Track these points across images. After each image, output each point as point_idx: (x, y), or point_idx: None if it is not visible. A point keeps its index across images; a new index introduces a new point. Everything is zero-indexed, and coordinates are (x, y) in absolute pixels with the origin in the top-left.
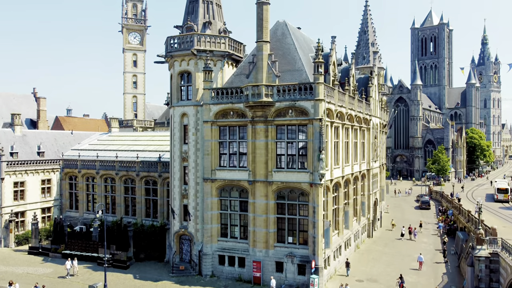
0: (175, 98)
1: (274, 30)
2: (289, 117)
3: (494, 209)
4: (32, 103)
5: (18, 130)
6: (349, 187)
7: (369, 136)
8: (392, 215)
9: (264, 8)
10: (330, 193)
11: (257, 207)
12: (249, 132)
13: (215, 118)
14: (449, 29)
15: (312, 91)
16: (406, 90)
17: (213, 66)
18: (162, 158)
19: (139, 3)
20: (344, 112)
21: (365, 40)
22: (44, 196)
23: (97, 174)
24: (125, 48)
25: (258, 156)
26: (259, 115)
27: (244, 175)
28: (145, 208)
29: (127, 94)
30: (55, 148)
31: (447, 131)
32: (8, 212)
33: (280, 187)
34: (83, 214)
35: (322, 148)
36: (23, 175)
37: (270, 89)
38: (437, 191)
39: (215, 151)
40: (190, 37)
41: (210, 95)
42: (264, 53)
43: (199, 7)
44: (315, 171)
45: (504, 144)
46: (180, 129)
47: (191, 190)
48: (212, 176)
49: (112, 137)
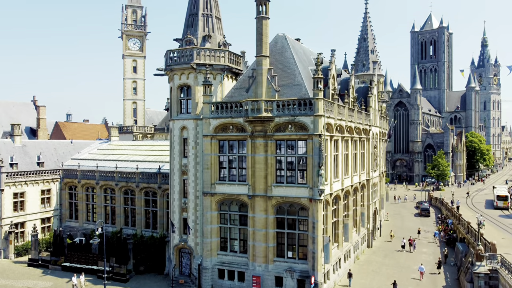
0: (174, 111)
1: (274, 44)
2: (288, 132)
3: (494, 217)
4: (32, 111)
5: (18, 141)
6: (349, 199)
7: (369, 146)
8: (391, 223)
9: (264, 23)
10: (329, 207)
11: (257, 221)
12: (248, 146)
13: (215, 132)
14: (449, 33)
15: (312, 107)
16: (406, 95)
17: (213, 80)
18: (162, 170)
19: (139, 9)
20: (343, 125)
21: (364, 47)
22: (43, 206)
23: (97, 184)
24: (125, 54)
25: (258, 170)
26: (258, 129)
27: (244, 189)
28: (144, 219)
29: (127, 100)
30: (54, 157)
31: (447, 135)
32: (7, 224)
33: (280, 201)
34: (82, 224)
35: (322, 163)
36: (22, 186)
37: (270, 104)
38: (436, 198)
39: (215, 165)
40: (189, 51)
41: (209, 109)
42: (264, 67)
43: (198, 20)
44: (315, 187)
45: (504, 146)
46: (179, 142)
47: (190, 204)
48: (211, 190)
49: (111, 145)
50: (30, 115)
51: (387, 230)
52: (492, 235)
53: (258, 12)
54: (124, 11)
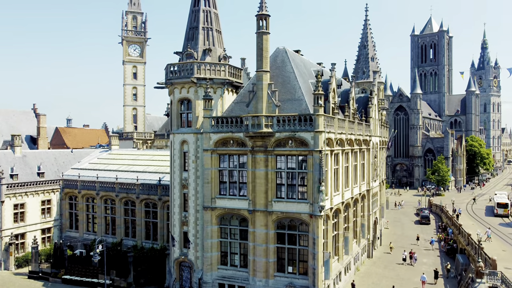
0: (175, 125)
1: (274, 57)
2: (289, 147)
3: (494, 226)
4: (32, 119)
5: (18, 151)
6: (349, 211)
7: (369, 156)
8: (392, 231)
9: (264, 38)
10: (330, 221)
11: (257, 236)
12: (249, 161)
13: (215, 147)
14: (449, 36)
15: (312, 123)
16: (406, 99)
17: (213, 94)
18: (162, 181)
19: (139, 15)
20: (344, 138)
21: (365, 54)
22: (44, 216)
23: (97, 195)
24: (125, 61)
25: (258, 185)
26: (259, 144)
27: (244, 204)
28: (145, 230)
29: (127, 107)
30: (55, 167)
31: (447, 140)
32: (8, 235)
33: (280, 217)
34: (83, 235)
35: (322, 179)
36: (23, 197)
37: (270, 120)
38: (437, 205)
39: (215, 179)
40: (190, 65)
41: (210, 124)
42: (264, 82)
43: (199, 34)
44: (315, 202)
45: (504, 148)
46: (180, 156)
47: (191, 218)
48: (212, 204)
49: (112, 154)
50: (30, 123)
51: (387, 239)
52: (492, 246)
53: (258, 27)
54: (124, 17)
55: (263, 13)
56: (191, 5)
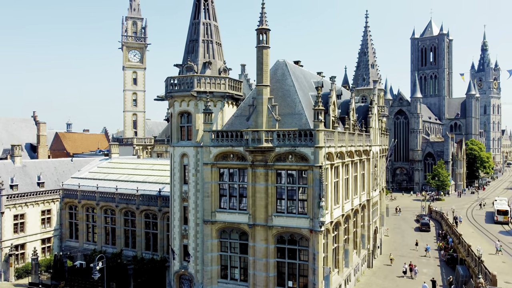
0: (175, 138)
1: (274, 70)
2: (289, 162)
3: (494, 234)
4: (32, 126)
5: (18, 161)
6: (349, 222)
7: (369, 166)
8: (392, 239)
9: (264, 52)
10: (330, 234)
11: (257, 250)
12: (249, 175)
13: (215, 160)
14: (449, 39)
15: (312, 138)
16: (406, 103)
17: (213, 107)
18: (162, 192)
19: (139, 21)
20: (344, 151)
21: (365, 61)
22: (44, 226)
23: (97, 205)
24: (125, 66)
25: (258, 199)
26: (259, 159)
27: (244, 218)
28: (145, 241)
29: (127, 112)
30: (55, 177)
31: (447, 144)
32: (8, 246)
33: (280, 231)
34: (83, 244)
35: (322, 195)
36: (23, 207)
37: (270, 134)
38: (437, 211)
39: (215, 193)
40: (190, 78)
41: (210, 137)
42: (264, 97)
43: (199, 46)
44: (315, 218)
45: (504, 150)
46: (180, 169)
47: (191, 231)
48: (212, 218)
49: (112, 163)
50: (30, 131)
51: (387, 247)
52: (492, 258)
53: (258, 41)
54: (124, 23)
55: (263, 27)
56: (191, 18)
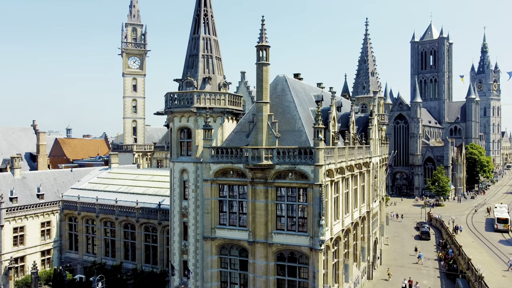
0: (174, 153)
1: (274, 86)
2: (289, 179)
3: (494, 244)
4: (32, 135)
5: (17, 173)
6: (349, 236)
7: (369, 178)
8: (391, 247)
9: (264, 69)
10: (330, 251)
11: (257, 267)
12: (249, 192)
13: (215, 177)
14: (449, 43)
15: (312, 156)
16: (406, 107)
17: (213, 123)
18: (162, 205)
19: (139, 27)
20: (344, 166)
21: (365, 69)
22: (43, 238)
23: (97, 217)
24: (125, 73)
25: (258, 217)
26: (259, 176)
27: (244, 235)
28: (144, 254)
29: (126, 119)
30: (54, 188)
31: (447, 149)
32: (7, 259)
33: (280, 249)
34: (82, 256)
35: (322, 213)
36: (22, 220)
37: (270, 152)
38: (437, 219)
39: (215, 209)
40: (189, 94)
41: (210, 154)
42: (264, 114)
43: (198, 61)
44: (315, 236)
45: (504, 152)
46: (180, 184)
47: (191, 247)
48: (212, 234)
49: (111, 173)
50: (30, 140)
51: (387, 256)
52: (492, 271)
53: (258, 58)
54: (124, 29)
55: (263, 44)
56: (190, 32)
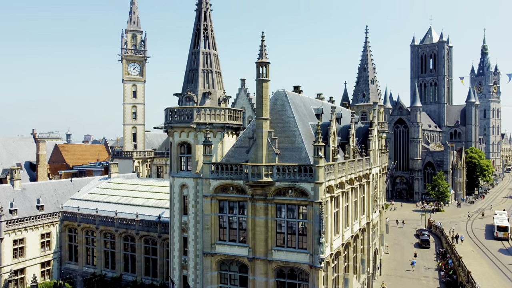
0: (174, 168)
1: (274, 101)
2: (289, 196)
3: (494, 253)
4: (32, 144)
5: (17, 185)
6: (349, 249)
7: (369, 189)
8: (391, 256)
9: (264, 85)
10: (330, 266)
11: (257, 284)
12: (249, 208)
13: (215, 193)
14: (449, 46)
15: (312, 174)
16: (406, 112)
17: (213, 138)
18: (162, 218)
19: (139, 33)
20: (344, 180)
21: (365, 77)
22: (43, 250)
23: (97, 229)
24: (125, 79)
25: (258, 233)
26: (259, 193)
27: (244, 251)
28: (144, 266)
29: (126, 125)
30: (54, 199)
31: (446, 153)
32: (7, 272)
33: (280, 265)
34: (82, 267)
35: (322, 231)
36: (22, 232)
37: (270, 169)
38: (437, 226)
39: (215, 225)
40: (189, 110)
41: (209, 170)
42: (264, 130)
43: (198, 76)
44: (315, 254)
45: (504, 154)
46: (179, 200)
47: (190, 262)
48: (212, 250)
49: (111, 183)
50: (30, 149)
51: (387, 266)
52: (492, 284)
53: (258, 74)
54: (124, 36)
55: (263, 60)
56: (190, 47)
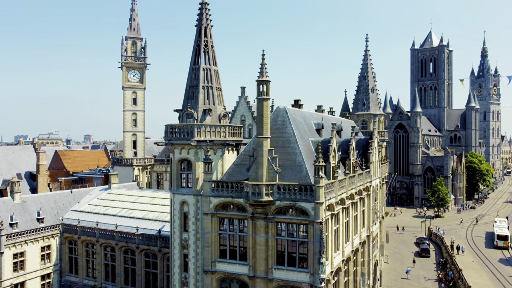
0: (175, 184)
1: (274, 117)
2: (289, 215)
3: (493, 263)
4: (32, 154)
5: (17, 198)
6: (349, 264)
7: (369, 201)
8: (391, 266)
9: (265, 104)
10: (330, 284)
11: None
12: (249, 227)
13: (215, 210)
14: (449, 50)
15: (313, 194)
16: (406, 117)
17: (213, 155)
18: (162, 232)
19: (139, 40)
20: (345, 196)
21: (365, 85)
22: (43, 262)
23: (97, 242)
24: (125, 86)
25: (259, 252)
26: (259, 211)
27: (244, 270)
28: (145, 280)
29: (126, 133)
30: (54, 211)
31: (446, 159)
32: (8, 285)
33: (280, 284)
34: (82, 280)
35: (323, 251)
36: (22, 245)
37: (270, 188)
38: (437, 234)
39: (215, 243)
40: (190, 127)
41: (210, 187)
42: (265, 149)
43: (199, 93)
44: (316, 273)
45: (503, 156)
46: (180, 216)
47: (191, 279)
48: (212, 268)
49: (111, 194)
50: (30, 159)
51: (387, 277)
52: None
53: (258, 93)
54: (124, 43)
55: (263, 79)
56: (190, 63)
